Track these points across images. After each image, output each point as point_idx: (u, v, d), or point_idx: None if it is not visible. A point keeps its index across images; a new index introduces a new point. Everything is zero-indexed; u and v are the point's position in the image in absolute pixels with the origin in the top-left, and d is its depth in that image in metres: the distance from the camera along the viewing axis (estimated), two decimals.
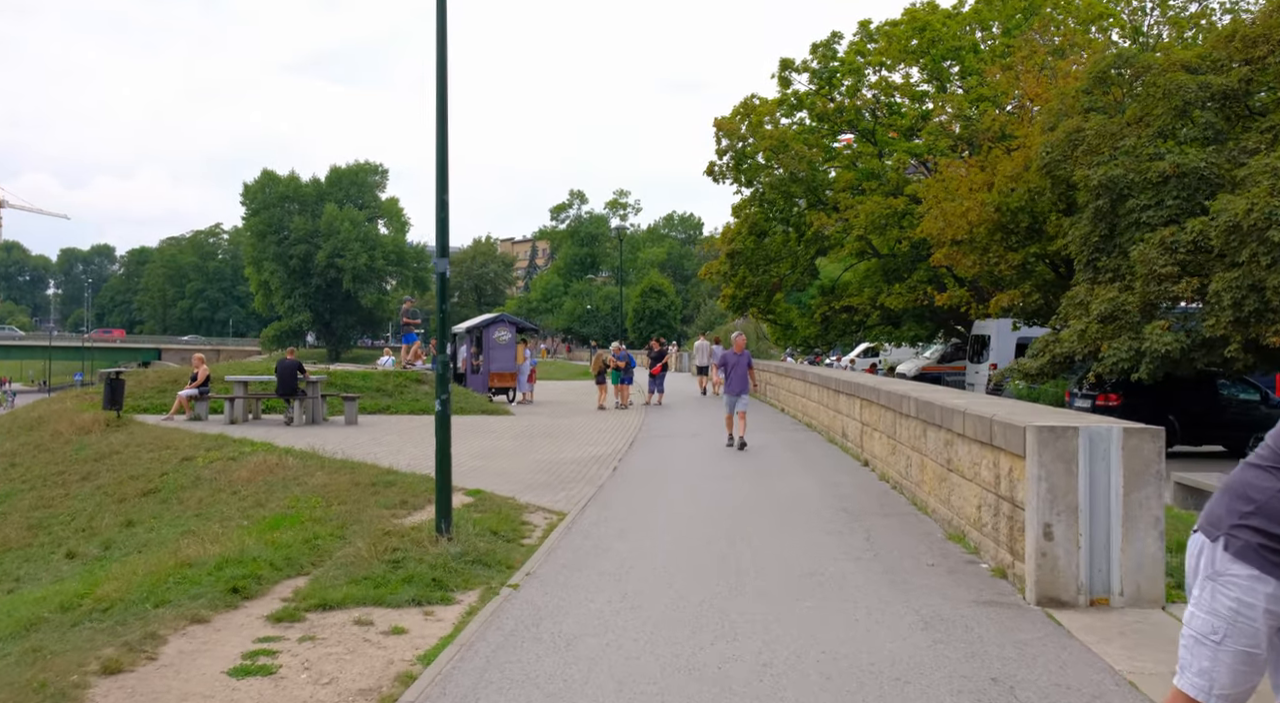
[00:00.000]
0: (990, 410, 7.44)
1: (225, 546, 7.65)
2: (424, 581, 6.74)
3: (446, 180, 7.94)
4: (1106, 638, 5.44)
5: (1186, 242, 15.22)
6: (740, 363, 14.96)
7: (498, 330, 25.86)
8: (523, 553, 7.87)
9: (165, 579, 6.84)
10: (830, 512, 9.58)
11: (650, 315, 78.90)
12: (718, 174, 32.63)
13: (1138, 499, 6.01)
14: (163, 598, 6.40)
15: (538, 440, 16.42)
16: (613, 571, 7.16)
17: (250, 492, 11.14)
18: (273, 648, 5.45)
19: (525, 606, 6.26)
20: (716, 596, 6.44)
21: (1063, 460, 6.06)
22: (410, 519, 9.08)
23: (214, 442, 14.96)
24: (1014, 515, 6.64)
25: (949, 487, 8.57)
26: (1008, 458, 6.78)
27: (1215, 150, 16.20)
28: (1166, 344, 15.28)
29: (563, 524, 8.98)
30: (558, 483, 11.59)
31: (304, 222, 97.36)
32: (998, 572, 6.90)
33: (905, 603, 6.20)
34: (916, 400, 9.81)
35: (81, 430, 17.29)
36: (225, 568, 6.96)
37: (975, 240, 22.03)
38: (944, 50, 30.23)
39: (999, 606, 6.12)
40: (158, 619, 5.89)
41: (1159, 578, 6.01)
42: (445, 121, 7.99)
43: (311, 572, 7.20)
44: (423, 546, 7.56)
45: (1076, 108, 19.10)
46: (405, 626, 5.94)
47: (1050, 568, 6.06)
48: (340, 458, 12.87)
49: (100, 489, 13.27)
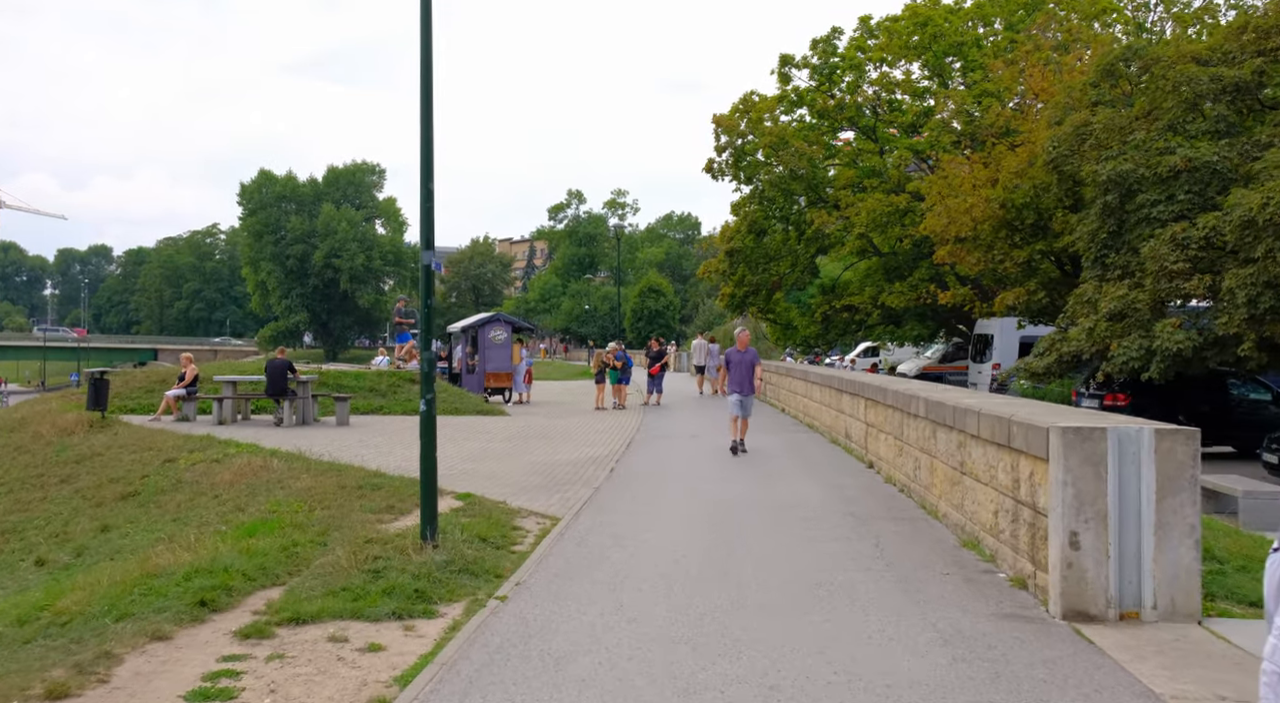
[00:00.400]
0: (1007, 411, 7.02)
1: (197, 554, 7.22)
2: (406, 592, 6.33)
3: (431, 169, 7.52)
4: (1141, 656, 5.02)
5: (1198, 238, 14.81)
6: (745, 361, 14.05)
7: (493, 330, 25.44)
8: (513, 561, 7.45)
9: (130, 590, 6.42)
10: (836, 516, 9.16)
11: (649, 315, 78.51)
12: (716, 171, 32.20)
13: (1171, 506, 5.59)
14: (125, 611, 5.98)
15: (532, 442, 16.00)
16: (607, 580, 6.74)
17: (232, 495, 10.70)
18: (237, 668, 5.03)
19: (513, 619, 5.84)
20: (718, 608, 6.02)
21: (1090, 464, 5.65)
22: (396, 525, 8.66)
23: (198, 443, 14.52)
24: (1035, 522, 6.23)
25: (962, 491, 8.15)
26: (1028, 461, 6.37)
27: (1227, 144, 15.78)
28: (1178, 342, 14.87)
29: (556, 530, 8.56)
30: (552, 486, 11.17)
31: (301, 222, 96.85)
32: (1017, 582, 6.48)
33: (921, 617, 5.78)
34: (926, 400, 9.39)
35: (64, 432, 16.83)
36: (194, 578, 6.53)
37: (979, 237, 21.61)
38: (946, 46, 29.83)
39: (1022, 620, 5.70)
40: (116, 636, 5.46)
41: (1194, 591, 5.60)
42: (430, 108, 7.57)
43: (288, 582, 6.78)
44: (406, 554, 7.14)
45: (1083, 101, 18.70)
46: (383, 642, 5.51)
47: (1077, 579, 5.65)
48: (327, 460, 12.44)
49: (78, 493, 12.83)
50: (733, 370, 14.11)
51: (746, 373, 13.99)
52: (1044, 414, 6.65)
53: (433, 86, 7.56)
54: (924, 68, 30.72)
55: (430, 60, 7.58)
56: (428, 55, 7.58)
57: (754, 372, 14.02)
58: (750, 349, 14.34)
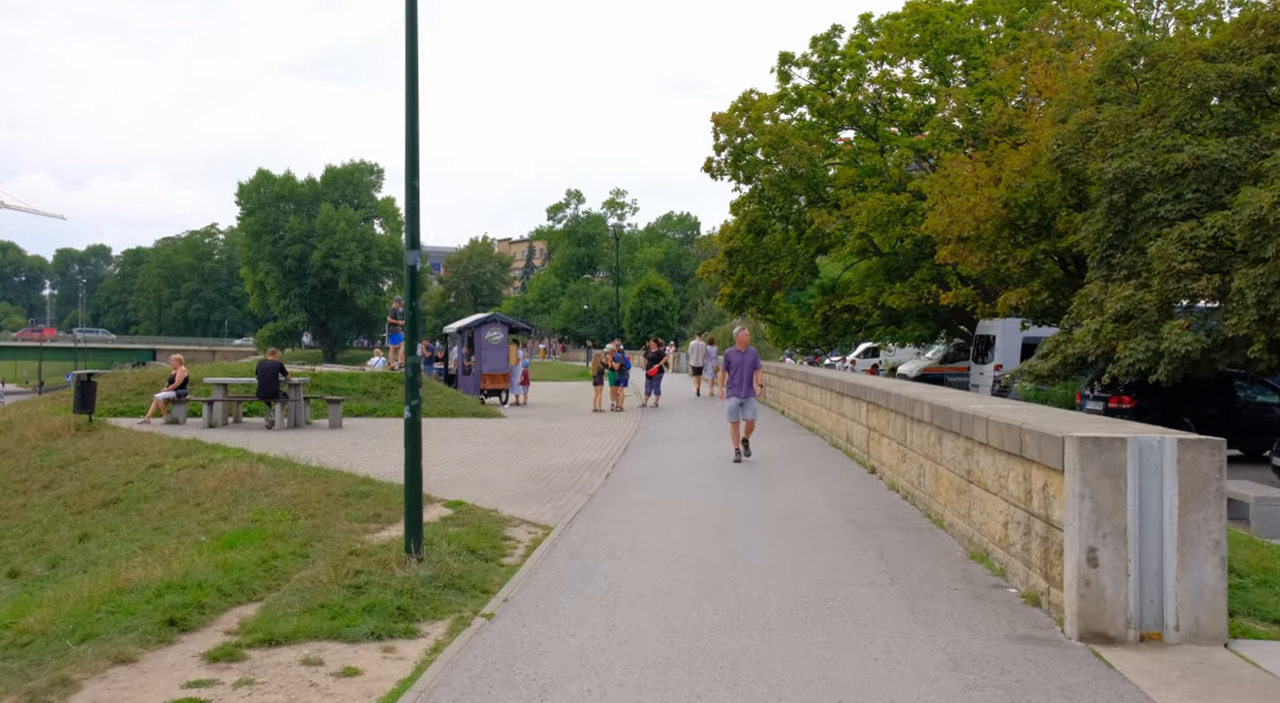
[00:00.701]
0: (1019, 418, 6.70)
1: (170, 568, 6.91)
2: (387, 610, 6.02)
3: (417, 164, 7.20)
4: (1167, 682, 4.71)
5: (1206, 237, 14.50)
6: (745, 362, 13.40)
7: (490, 330, 25.12)
8: (502, 575, 7.14)
9: (98, 608, 6.10)
10: (838, 525, 8.85)
11: (648, 315, 78.23)
12: (715, 170, 31.88)
13: (1195, 521, 5.28)
14: (90, 631, 5.66)
15: (528, 445, 15.68)
16: (599, 596, 6.43)
17: (215, 503, 10.38)
18: (201, 696, 4.71)
19: (498, 640, 5.53)
20: (715, 628, 5.71)
21: (1109, 476, 5.34)
22: (382, 535, 8.35)
23: (185, 447, 14.19)
24: (1049, 536, 5.92)
25: (969, 500, 7.84)
26: (1041, 471, 6.06)
27: (1236, 142, 15.47)
28: (1186, 344, 14.55)
29: (547, 541, 8.25)
30: (546, 493, 10.85)
31: (299, 222, 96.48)
32: (1029, 599, 6.17)
33: (929, 638, 5.47)
34: (930, 405, 9.08)
35: (50, 435, 16.50)
36: (166, 595, 6.22)
37: (982, 237, 21.28)
38: (947, 44, 29.51)
39: (1036, 642, 5.39)
40: (77, 659, 5.15)
41: (1220, 611, 5.28)
42: (415, 101, 7.24)
43: (265, 598, 6.47)
44: (390, 568, 6.82)
45: (1089, 99, 18.37)
46: (360, 665, 5.20)
47: (1095, 598, 5.33)
48: (315, 465, 12.13)
49: (60, 499, 12.50)
50: (732, 372, 13.47)
51: (746, 374, 13.40)
52: (1058, 422, 6.34)
53: (418, 80, 7.24)
54: (925, 66, 30.40)
55: (415, 51, 7.26)
56: (413, 43, 7.27)
57: (754, 373, 13.42)
58: (750, 349, 13.70)
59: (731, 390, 13.47)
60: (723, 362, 14.02)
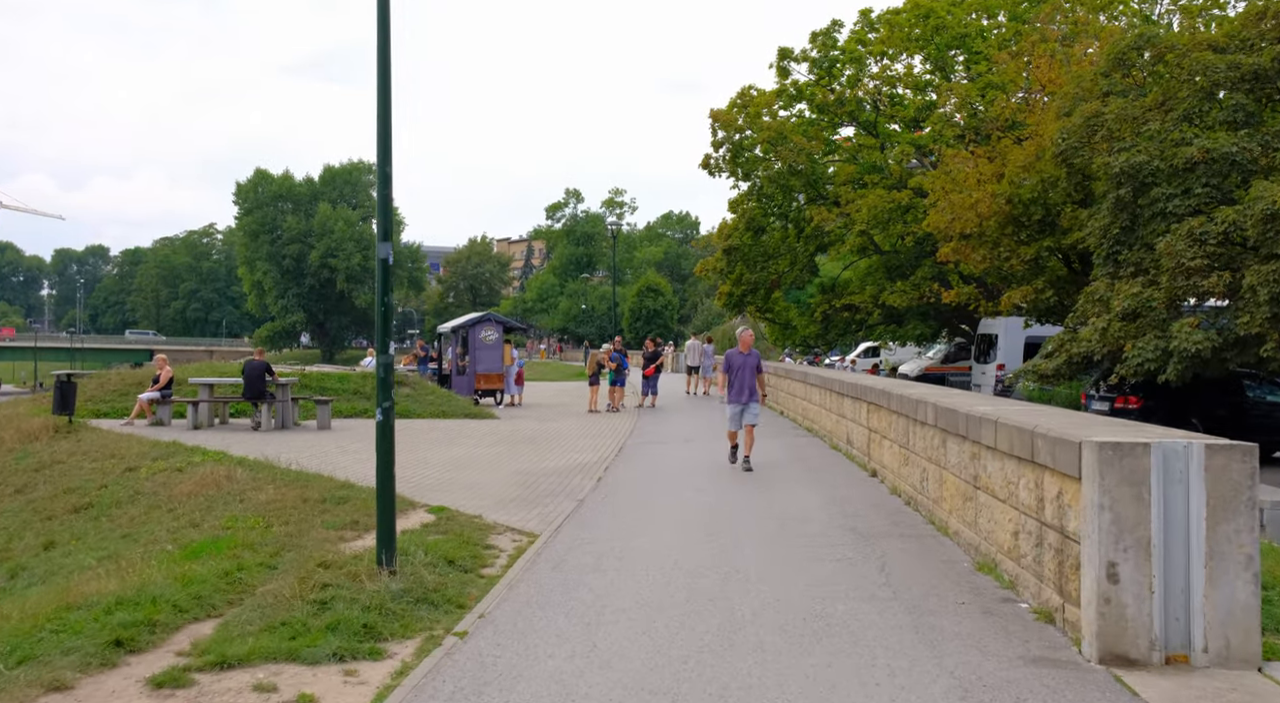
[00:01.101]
0: (1030, 421, 6.28)
1: (124, 581, 6.48)
2: (353, 628, 5.59)
3: (389, 150, 6.79)
4: None
5: (1217, 233, 14.07)
6: (747, 364, 12.39)
7: (484, 330, 24.69)
8: (480, 587, 6.72)
9: (42, 626, 5.68)
10: (837, 532, 8.43)
11: (647, 315, 77.82)
12: (714, 167, 31.45)
13: (1225, 533, 4.86)
14: (29, 653, 5.24)
15: (519, 447, 15.26)
16: (582, 612, 6.00)
17: (188, 509, 9.96)
18: None
19: (470, 662, 5.11)
20: (705, 648, 5.28)
21: (1131, 485, 4.91)
22: (356, 544, 7.93)
23: (165, 450, 13.76)
24: (1064, 548, 5.50)
25: (976, 507, 7.42)
26: (1055, 478, 5.64)
27: (1247, 135, 15.04)
28: (1196, 343, 14.12)
29: (531, 550, 7.83)
30: (533, 498, 10.43)
31: (297, 221, 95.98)
32: (1043, 615, 5.75)
33: (936, 660, 5.04)
34: (935, 407, 8.66)
35: (28, 437, 16.06)
36: (117, 611, 5.79)
37: (984, 234, 20.85)
38: (948, 39, 29.07)
39: (1052, 664, 4.97)
40: (7, 686, 4.72)
41: (1254, 631, 4.85)
42: (388, 79, 6.83)
43: (225, 614, 6.05)
44: (359, 581, 6.40)
45: (1094, 92, 17.93)
46: (316, 692, 4.78)
47: (1116, 617, 4.91)
48: (296, 469, 11.69)
49: (30, 504, 12.08)
50: (734, 376, 12.42)
51: (749, 378, 12.41)
52: (1073, 426, 5.92)
53: (389, 55, 6.82)
54: (926, 61, 29.96)
55: (387, 19, 6.84)
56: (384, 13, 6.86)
57: (757, 377, 12.50)
58: (753, 351, 12.69)
59: (732, 396, 12.51)
60: (723, 364, 13.02)
